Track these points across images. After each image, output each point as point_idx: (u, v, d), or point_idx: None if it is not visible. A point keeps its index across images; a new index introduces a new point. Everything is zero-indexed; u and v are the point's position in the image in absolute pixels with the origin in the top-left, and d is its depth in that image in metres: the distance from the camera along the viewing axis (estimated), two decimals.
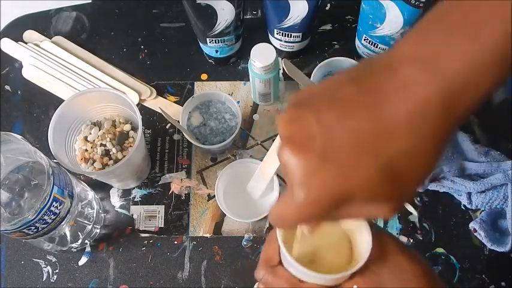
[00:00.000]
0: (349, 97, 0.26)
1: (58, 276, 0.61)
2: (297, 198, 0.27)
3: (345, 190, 0.26)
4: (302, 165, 0.26)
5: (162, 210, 0.64)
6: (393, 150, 0.25)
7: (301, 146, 0.26)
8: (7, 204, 0.47)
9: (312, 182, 0.26)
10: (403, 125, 0.25)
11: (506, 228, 0.58)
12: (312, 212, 0.27)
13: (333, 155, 0.26)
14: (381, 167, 0.25)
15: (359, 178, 0.26)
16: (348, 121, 0.26)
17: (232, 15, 0.62)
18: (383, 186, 0.26)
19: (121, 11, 0.77)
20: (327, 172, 0.26)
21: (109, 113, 0.64)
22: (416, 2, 0.55)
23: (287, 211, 0.29)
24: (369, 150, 0.25)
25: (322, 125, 0.26)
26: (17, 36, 0.73)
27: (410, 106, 0.25)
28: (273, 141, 0.62)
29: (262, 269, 0.38)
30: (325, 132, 0.26)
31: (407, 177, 0.26)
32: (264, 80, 0.62)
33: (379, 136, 0.25)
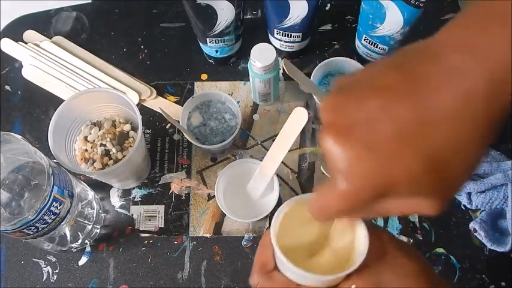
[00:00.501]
0: (393, 84, 0.25)
1: (58, 276, 0.61)
2: (340, 186, 0.26)
3: (388, 180, 0.25)
4: (345, 153, 0.25)
5: (162, 210, 0.64)
6: (439, 140, 0.24)
7: (344, 134, 0.26)
8: (7, 204, 0.47)
9: (355, 171, 0.25)
10: (449, 113, 0.24)
11: (506, 228, 0.58)
12: (355, 203, 0.27)
13: (377, 144, 0.25)
14: (426, 158, 0.24)
15: (403, 168, 0.25)
16: (392, 109, 0.25)
17: (232, 15, 0.62)
18: (428, 178, 0.25)
19: (121, 11, 0.77)
20: (370, 161, 0.25)
21: (109, 113, 0.64)
22: (416, 2, 0.55)
23: (329, 201, 0.28)
24: (414, 140, 0.24)
25: (363, 112, 0.25)
26: (17, 36, 0.73)
27: (456, 94, 0.24)
28: (273, 141, 0.62)
29: (257, 275, 0.37)
30: (367, 120, 0.25)
31: (453, 169, 0.25)
32: (264, 80, 0.62)
33: (424, 125, 0.24)
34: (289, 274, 0.35)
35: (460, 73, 0.24)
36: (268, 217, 0.62)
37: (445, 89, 0.24)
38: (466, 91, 0.24)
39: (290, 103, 0.69)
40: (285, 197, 0.63)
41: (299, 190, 0.64)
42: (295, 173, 0.65)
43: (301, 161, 0.66)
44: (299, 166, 0.65)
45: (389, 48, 0.64)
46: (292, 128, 0.55)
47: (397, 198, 0.27)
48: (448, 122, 0.24)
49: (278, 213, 0.36)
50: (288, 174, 0.65)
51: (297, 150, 0.66)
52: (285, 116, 0.67)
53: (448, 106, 0.24)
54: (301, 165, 0.65)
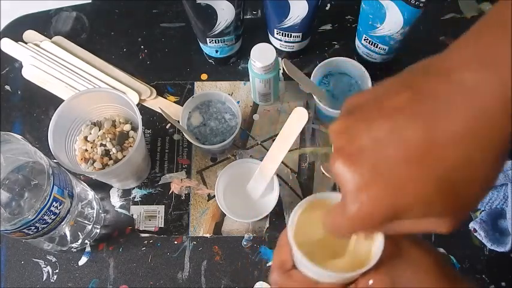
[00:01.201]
0: (402, 105, 0.25)
1: (58, 276, 0.61)
2: (349, 210, 0.26)
3: (399, 205, 0.25)
4: (353, 178, 0.26)
5: (162, 210, 0.64)
6: (450, 161, 0.24)
7: (352, 158, 0.26)
8: (7, 204, 0.47)
9: (363, 197, 0.25)
10: (460, 133, 0.23)
11: (506, 228, 0.58)
12: (364, 226, 0.27)
13: (385, 168, 0.25)
14: (437, 180, 0.24)
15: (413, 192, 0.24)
16: (401, 131, 0.24)
17: (232, 15, 0.62)
18: (440, 200, 0.25)
19: (121, 11, 0.77)
20: (378, 187, 0.25)
21: (109, 113, 0.64)
22: (416, 2, 0.55)
23: (340, 222, 0.28)
24: (424, 162, 0.24)
25: (373, 136, 0.25)
26: (17, 36, 0.73)
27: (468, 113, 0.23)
28: (273, 141, 0.62)
29: (276, 274, 0.37)
30: (377, 144, 0.25)
31: (466, 190, 0.25)
32: (264, 80, 0.62)
33: (435, 146, 0.24)
34: (308, 272, 0.36)
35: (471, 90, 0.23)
36: (268, 217, 0.62)
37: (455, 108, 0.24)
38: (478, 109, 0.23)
39: (290, 103, 0.69)
40: (285, 197, 0.63)
41: (299, 190, 0.64)
42: (295, 173, 0.65)
43: (301, 161, 0.66)
44: (299, 166, 0.65)
45: (390, 48, 0.64)
46: (292, 128, 0.55)
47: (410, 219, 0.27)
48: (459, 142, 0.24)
49: (295, 212, 0.36)
50: (288, 174, 0.65)
51: (297, 150, 0.66)
52: (285, 116, 0.67)
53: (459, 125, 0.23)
54: (301, 165, 0.65)
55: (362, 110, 0.27)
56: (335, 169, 0.27)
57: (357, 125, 0.26)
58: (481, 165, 0.24)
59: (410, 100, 0.25)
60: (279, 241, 0.39)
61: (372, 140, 0.25)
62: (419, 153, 0.24)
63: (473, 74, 0.24)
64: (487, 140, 0.24)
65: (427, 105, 0.24)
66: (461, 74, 0.24)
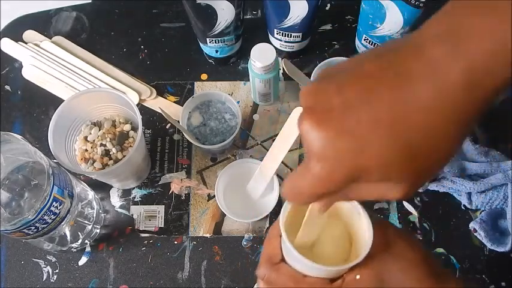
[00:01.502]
0: (372, 73, 0.26)
1: (58, 276, 0.61)
2: (312, 169, 0.27)
3: (360, 165, 0.26)
4: (319, 136, 0.26)
5: (162, 210, 0.64)
6: (412, 129, 0.25)
7: (320, 118, 0.26)
8: (7, 204, 0.47)
9: (328, 154, 0.26)
10: (425, 103, 0.24)
11: (506, 228, 0.58)
12: (327, 185, 0.27)
13: (351, 129, 0.25)
14: (399, 145, 0.25)
15: (376, 154, 0.25)
16: (370, 95, 0.25)
17: (232, 15, 0.62)
18: (399, 165, 0.25)
19: (121, 11, 0.77)
20: (343, 145, 0.25)
21: (109, 113, 0.64)
22: (416, 2, 0.55)
23: (303, 183, 0.28)
24: (388, 127, 0.25)
25: (342, 98, 0.26)
26: (17, 36, 0.73)
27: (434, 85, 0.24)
28: (273, 141, 0.62)
29: (264, 267, 0.37)
30: (345, 106, 0.26)
31: (425, 159, 0.26)
32: (264, 80, 0.62)
33: (400, 113, 0.25)
34: (296, 265, 0.36)
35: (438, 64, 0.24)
36: (268, 217, 0.62)
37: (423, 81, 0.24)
38: (443, 82, 0.24)
39: (290, 103, 0.69)
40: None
41: None
42: None
43: (301, 161, 0.66)
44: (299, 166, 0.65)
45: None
46: (292, 128, 0.55)
47: (368, 183, 0.27)
48: (425, 113, 0.24)
49: (286, 204, 0.36)
50: (288, 174, 0.65)
51: (297, 150, 0.66)
52: (285, 116, 0.67)
53: (424, 96, 0.24)
54: None
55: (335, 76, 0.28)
56: (302, 128, 0.27)
57: (328, 88, 0.27)
58: (442, 137, 0.25)
59: (381, 68, 0.26)
60: (268, 234, 0.39)
61: (341, 102, 0.26)
62: (385, 117, 0.25)
63: (438, 49, 0.24)
64: (450, 112, 0.24)
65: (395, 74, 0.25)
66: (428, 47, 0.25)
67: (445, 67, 0.24)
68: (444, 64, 0.24)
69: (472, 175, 0.61)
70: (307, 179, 0.28)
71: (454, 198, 0.62)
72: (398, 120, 0.25)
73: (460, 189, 0.59)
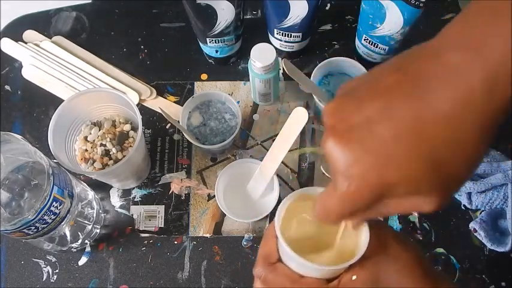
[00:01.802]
0: (392, 86, 0.26)
1: (58, 276, 0.61)
2: (339, 188, 0.27)
3: (386, 181, 0.26)
4: (343, 155, 0.26)
5: (162, 210, 0.64)
6: (437, 139, 0.24)
7: (343, 136, 0.26)
8: (7, 204, 0.47)
9: (353, 172, 0.26)
10: (446, 113, 0.24)
11: (506, 228, 0.58)
12: (355, 203, 0.27)
13: (374, 146, 0.25)
14: (423, 157, 0.25)
15: (401, 169, 0.25)
16: (391, 110, 0.25)
17: (232, 15, 0.62)
18: (426, 177, 0.25)
19: (121, 11, 0.77)
20: (368, 163, 0.26)
21: (109, 113, 0.64)
22: (416, 2, 0.55)
23: (331, 203, 0.29)
24: (411, 141, 0.25)
25: (363, 114, 0.26)
26: (17, 36, 0.73)
27: (454, 93, 0.24)
28: (273, 141, 0.62)
29: (261, 267, 0.37)
30: (367, 123, 0.26)
31: (452, 168, 0.25)
32: (264, 80, 0.62)
33: (420, 125, 0.24)
34: (293, 265, 0.36)
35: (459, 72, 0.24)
36: (268, 217, 0.62)
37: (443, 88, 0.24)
38: (463, 89, 0.24)
39: (290, 103, 0.69)
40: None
41: None
42: (295, 173, 0.65)
43: (301, 161, 0.66)
44: (299, 166, 0.65)
45: (390, 48, 0.64)
46: (292, 128, 0.55)
47: (397, 198, 0.27)
48: (446, 122, 0.24)
49: (282, 205, 0.37)
50: (288, 174, 0.65)
51: (297, 150, 0.66)
52: (285, 116, 0.67)
53: (445, 105, 0.24)
54: (301, 165, 0.65)
55: (354, 92, 0.28)
56: (326, 147, 0.27)
57: (348, 105, 0.27)
58: (466, 145, 0.25)
59: (400, 81, 0.26)
60: (265, 234, 0.39)
61: (362, 119, 0.26)
62: (407, 131, 0.25)
63: (457, 55, 0.24)
64: (470, 120, 0.24)
65: (416, 86, 0.25)
66: (447, 55, 0.25)
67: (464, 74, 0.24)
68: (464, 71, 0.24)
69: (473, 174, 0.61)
70: (335, 199, 0.28)
71: (454, 198, 0.62)
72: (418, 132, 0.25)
73: (460, 189, 0.59)
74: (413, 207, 0.28)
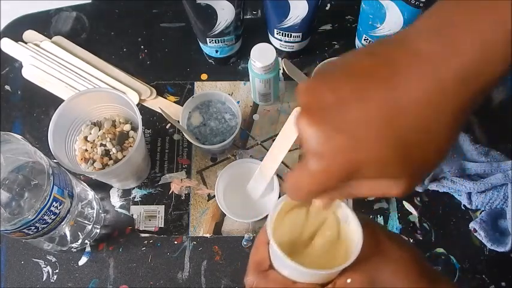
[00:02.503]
0: (364, 69, 0.26)
1: (58, 276, 0.61)
2: (310, 165, 0.27)
3: (355, 161, 0.26)
4: (316, 134, 0.26)
5: (162, 210, 0.64)
6: (407, 125, 0.25)
7: (315, 116, 0.27)
8: (7, 204, 0.47)
9: (324, 150, 0.26)
10: (418, 100, 0.25)
11: (506, 228, 0.58)
12: (325, 182, 0.28)
13: (345, 126, 0.26)
14: (393, 142, 0.25)
15: (370, 151, 0.25)
16: (362, 93, 0.26)
17: (232, 15, 0.62)
18: (394, 162, 0.26)
19: (121, 11, 0.77)
20: (338, 142, 0.26)
21: (109, 113, 0.64)
22: (416, 2, 0.55)
23: (301, 179, 0.29)
24: (382, 124, 0.25)
25: (336, 96, 0.26)
26: (17, 36, 0.73)
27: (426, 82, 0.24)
28: (273, 141, 0.62)
29: (252, 275, 0.37)
30: (340, 103, 0.26)
31: (421, 154, 0.26)
32: (264, 80, 0.62)
33: (393, 110, 0.25)
34: (285, 271, 0.35)
35: (429, 61, 0.25)
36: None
37: (415, 76, 0.25)
38: (436, 79, 0.24)
39: (290, 103, 0.69)
40: None
41: None
42: None
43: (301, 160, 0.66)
44: None
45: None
46: (292, 128, 0.55)
47: (367, 180, 0.28)
48: (417, 109, 0.25)
49: (274, 209, 0.36)
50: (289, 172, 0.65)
51: (297, 150, 0.66)
52: (285, 116, 0.67)
53: (417, 92, 0.25)
54: None
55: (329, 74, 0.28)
56: (299, 126, 0.27)
57: (322, 86, 0.27)
58: (436, 133, 0.25)
59: (373, 65, 0.26)
60: (255, 241, 0.39)
61: (335, 100, 0.26)
62: (378, 115, 0.25)
63: (428, 43, 0.25)
64: (441, 107, 0.25)
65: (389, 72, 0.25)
66: (419, 43, 0.25)
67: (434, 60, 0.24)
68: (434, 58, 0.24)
69: (472, 175, 0.61)
70: (305, 176, 0.29)
71: (454, 198, 0.62)
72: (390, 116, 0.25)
73: (460, 189, 0.59)
74: (382, 189, 0.29)
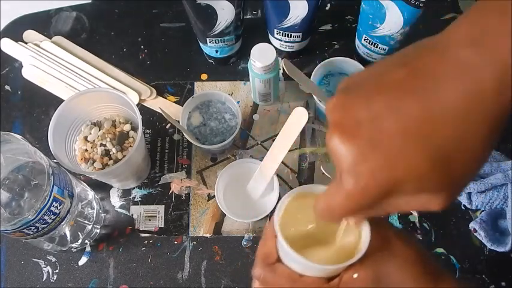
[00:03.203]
0: (398, 81, 0.25)
1: (58, 276, 0.61)
2: (345, 185, 0.26)
3: (393, 178, 0.25)
4: (350, 152, 0.25)
5: (162, 210, 0.64)
6: (444, 137, 0.24)
7: (349, 133, 0.26)
8: (7, 204, 0.47)
9: (361, 169, 0.25)
10: (455, 110, 0.24)
11: (506, 228, 0.58)
12: (362, 201, 0.27)
13: (382, 142, 0.25)
14: (432, 154, 0.24)
15: (409, 166, 0.25)
16: (398, 107, 0.25)
17: (232, 15, 0.62)
18: (433, 176, 0.25)
19: (121, 11, 0.77)
20: (375, 160, 0.25)
21: (109, 113, 0.63)
22: (416, 2, 0.55)
23: (336, 201, 0.28)
24: (419, 138, 0.24)
25: (370, 111, 0.25)
26: (17, 36, 0.73)
27: (463, 90, 0.24)
28: (273, 141, 0.62)
29: (259, 267, 0.37)
30: (374, 119, 0.25)
31: (460, 165, 0.25)
32: (264, 80, 0.62)
33: (429, 122, 0.24)
34: (292, 264, 0.35)
35: (468, 69, 0.24)
36: (268, 217, 0.62)
37: (452, 86, 0.24)
38: (475, 88, 0.24)
39: (290, 103, 0.69)
40: None
41: None
42: (295, 173, 0.65)
43: (301, 161, 0.66)
44: (299, 166, 0.65)
45: (390, 48, 0.64)
46: (292, 128, 0.55)
47: (405, 196, 0.27)
48: (456, 119, 0.24)
49: (281, 203, 0.36)
50: (288, 174, 0.65)
51: (297, 150, 0.66)
52: (285, 116, 0.67)
53: (453, 102, 0.24)
54: (301, 165, 0.65)
55: (360, 87, 0.27)
56: (331, 144, 0.26)
57: (354, 101, 0.26)
58: (474, 142, 0.24)
59: (407, 76, 0.25)
60: (264, 234, 0.39)
61: (368, 114, 0.25)
62: (414, 129, 0.24)
63: (467, 51, 0.24)
64: (479, 117, 0.24)
65: (423, 81, 0.25)
66: (456, 51, 0.24)
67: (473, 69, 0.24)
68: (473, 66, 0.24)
69: None
70: (340, 197, 0.28)
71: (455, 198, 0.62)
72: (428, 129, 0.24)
73: None
74: (420, 205, 0.28)
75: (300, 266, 0.35)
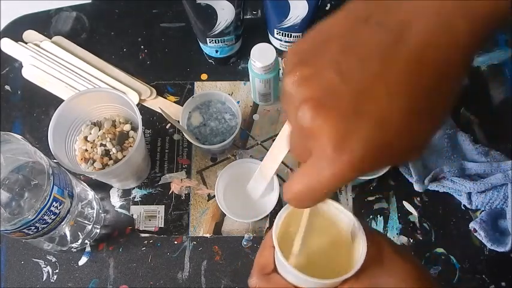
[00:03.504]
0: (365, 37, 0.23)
1: (58, 276, 0.61)
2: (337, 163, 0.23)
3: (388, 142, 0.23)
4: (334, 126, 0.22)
5: (162, 210, 0.64)
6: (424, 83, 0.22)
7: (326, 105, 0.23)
8: (7, 204, 0.47)
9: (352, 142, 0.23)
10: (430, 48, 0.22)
11: (506, 228, 0.58)
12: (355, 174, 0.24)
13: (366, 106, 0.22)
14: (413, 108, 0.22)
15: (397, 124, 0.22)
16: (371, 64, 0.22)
17: (232, 15, 0.62)
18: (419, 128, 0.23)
19: (121, 11, 0.77)
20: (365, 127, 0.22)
21: (109, 113, 0.64)
22: None
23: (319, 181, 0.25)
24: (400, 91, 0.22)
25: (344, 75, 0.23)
26: (17, 36, 0.73)
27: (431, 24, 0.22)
28: (273, 141, 0.62)
29: (256, 277, 0.37)
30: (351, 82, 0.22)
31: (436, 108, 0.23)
32: (264, 80, 0.62)
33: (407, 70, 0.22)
34: (288, 276, 0.35)
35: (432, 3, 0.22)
36: (268, 217, 0.62)
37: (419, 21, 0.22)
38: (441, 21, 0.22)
39: None
40: None
41: None
42: None
43: None
44: (299, 166, 0.65)
45: None
46: None
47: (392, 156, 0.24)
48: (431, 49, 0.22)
49: (280, 215, 0.36)
50: (288, 174, 0.65)
51: None
52: (285, 116, 0.67)
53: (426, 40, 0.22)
54: None
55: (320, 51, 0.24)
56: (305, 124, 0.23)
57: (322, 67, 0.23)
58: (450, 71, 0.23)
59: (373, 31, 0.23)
60: (262, 244, 0.39)
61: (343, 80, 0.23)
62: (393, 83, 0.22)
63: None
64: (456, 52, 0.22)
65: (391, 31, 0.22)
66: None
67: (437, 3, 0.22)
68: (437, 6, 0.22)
69: (472, 175, 0.61)
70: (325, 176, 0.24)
71: (454, 198, 0.62)
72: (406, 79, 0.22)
73: (460, 189, 0.59)
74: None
75: (296, 278, 0.35)
